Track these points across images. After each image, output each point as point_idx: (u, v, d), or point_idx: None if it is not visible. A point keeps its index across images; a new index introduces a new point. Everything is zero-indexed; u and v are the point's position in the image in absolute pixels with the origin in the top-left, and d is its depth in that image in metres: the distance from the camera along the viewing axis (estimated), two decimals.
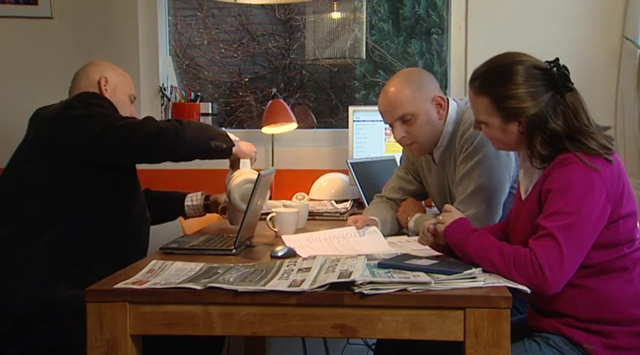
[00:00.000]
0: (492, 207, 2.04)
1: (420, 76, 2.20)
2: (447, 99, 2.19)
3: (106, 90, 2.20)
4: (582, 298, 1.62)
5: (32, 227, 1.97)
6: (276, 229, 2.18)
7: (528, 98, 1.65)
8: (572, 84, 1.67)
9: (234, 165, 2.25)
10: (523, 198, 1.76)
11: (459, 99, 2.25)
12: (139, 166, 2.21)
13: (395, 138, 2.19)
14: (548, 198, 1.61)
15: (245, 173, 2.16)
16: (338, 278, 1.48)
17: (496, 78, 1.71)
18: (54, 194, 1.99)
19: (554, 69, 1.67)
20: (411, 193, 2.38)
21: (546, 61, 1.69)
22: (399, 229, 2.29)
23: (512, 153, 2.07)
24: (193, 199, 2.47)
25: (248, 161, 2.24)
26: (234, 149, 2.16)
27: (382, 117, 2.21)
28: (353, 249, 1.92)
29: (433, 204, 2.44)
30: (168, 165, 2.29)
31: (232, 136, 2.17)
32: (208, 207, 2.48)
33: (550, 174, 1.64)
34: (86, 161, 2.00)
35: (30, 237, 1.96)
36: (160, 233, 2.34)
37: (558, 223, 1.55)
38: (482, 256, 1.60)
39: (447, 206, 1.82)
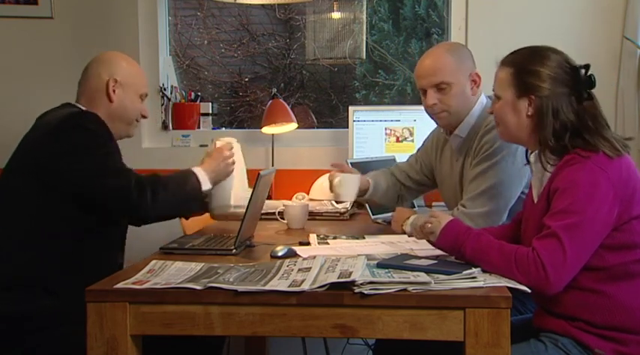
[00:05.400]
0: (499, 209, 2.04)
1: (462, 50, 2.26)
2: (480, 84, 2.20)
3: (113, 91, 2.13)
4: (597, 304, 1.60)
5: (29, 232, 1.97)
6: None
7: (548, 80, 1.67)
8: (592, 94, 1.68)
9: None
10: (535, 201, 1.75)
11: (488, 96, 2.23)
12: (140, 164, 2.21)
13: (426, 103, 2.18)
14: (554, 197, 1.60)
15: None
16: (338, 278, 1.48)
17: (528, 55, 1.74)
18: (39, 210, 1.97)
19: (582, 71, 1.68)
20: (413, 183, 2.40)
21: (579, 64, 1.70)
22: (394, 201, 2.38)
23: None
24: None
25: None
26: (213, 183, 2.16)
27: (417, 81, 2.21)
28: (353, 249, 1.92)
29: (442, 198, 2.43)
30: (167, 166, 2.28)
31: (206, 183, 2.12)
32: None
33: (557, 173, 1.63)
34: (57, 188, 1.98)
35: (28, 242, 1.96)
36: (160, 233, 2.34)
37: (562, 222, 1.55)
38: (481, 258, 1.60)
39: (433, 212, 1.80)
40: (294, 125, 3.12)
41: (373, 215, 2.60)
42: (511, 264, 1.54)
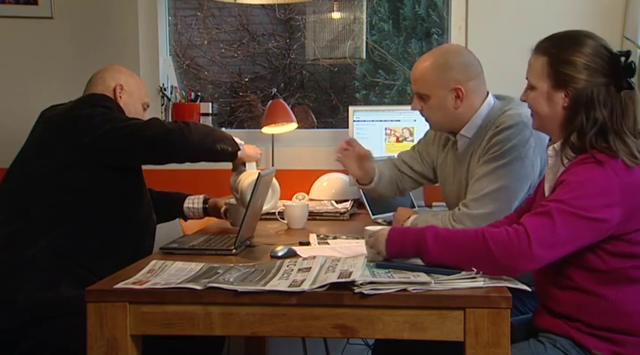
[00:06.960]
0: (501, 211, 2.01)
1: (451, 61, 2.13)
2: (467, 92, 2.11)
3: (120, 97, 2.20)
4: (597, 306, 1.58)
5: (36, 226, 1.97)
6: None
7: (585, 70, 1.60)
8: (632, 83, 1.61)
9: (238, 168, 2.25)
10: (546, 194, 1.70)
11: (503, 98, 2.19)
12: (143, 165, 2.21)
13: (412, 107, 2.23)
14: (559, 187, 1.57)
15: (253, 174, 2.16)
16: (338, 278, 1.48)
17: (563, 42, 1.67)
18: (58, 194, 1.99)
19: (622, 58, 1.61)
20: (413, 173, 2.40)
21: (618, 51, 1.64)
22: (395, 192, 2.42)
23: (536, 164, 2.03)
24: (194, 201, 2.47)
25: (254, 163, 2.26)
26: (239, 153, 2.18)
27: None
28: (353, 249, 1.92)
29: (443, 197, 2.41)
30: (170, 165, 2.29)
31: (238, 140, 2.19)
32: (207, 210, 2.48)
33: (569, 169, 1.60)
34: (90, 161, 2.00)
35: (34, 236, 1.96)
36: (160, 233, 2.34)
37: (561, 206, 1.50)
38: (448, 245, 1.54)
39: (365, 229, 1.72)
40: (294, 125, 3.12)
41: (373, 215, 2.61)
42: (486, 241, 1.49)
